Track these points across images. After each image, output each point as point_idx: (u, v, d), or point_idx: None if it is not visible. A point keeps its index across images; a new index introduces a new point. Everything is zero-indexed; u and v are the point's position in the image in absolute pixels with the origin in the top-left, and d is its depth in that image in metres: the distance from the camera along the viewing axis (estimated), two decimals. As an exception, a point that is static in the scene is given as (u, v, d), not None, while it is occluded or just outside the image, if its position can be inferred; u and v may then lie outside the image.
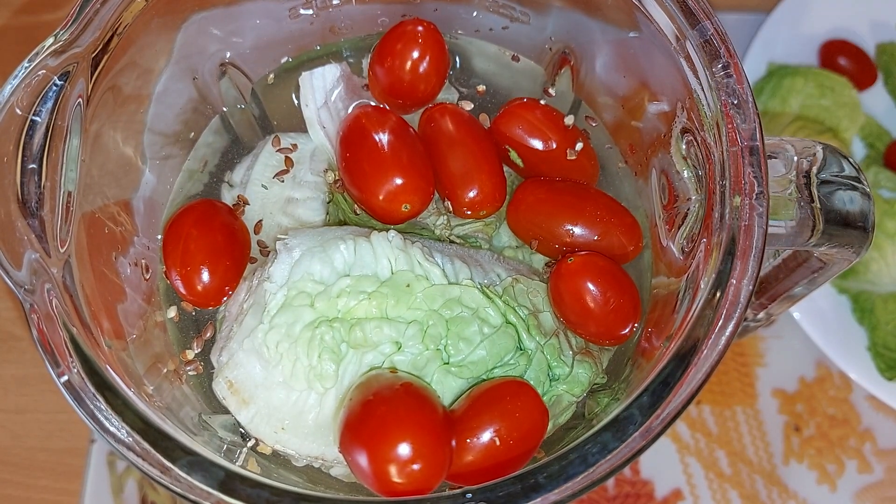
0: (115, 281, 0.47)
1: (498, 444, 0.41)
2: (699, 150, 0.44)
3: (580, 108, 0.59)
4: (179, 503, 0.61)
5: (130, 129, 0.51)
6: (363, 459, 0.39)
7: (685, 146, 0.46)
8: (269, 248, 0.52)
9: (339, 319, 0.45)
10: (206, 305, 0.50)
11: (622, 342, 0.50)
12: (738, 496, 0.71)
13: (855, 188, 0.44)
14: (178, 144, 0.56)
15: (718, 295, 0.39)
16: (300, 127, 0.56)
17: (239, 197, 0.54)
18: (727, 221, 0.40)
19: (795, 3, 0.84)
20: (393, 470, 0.38)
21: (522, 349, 0.47)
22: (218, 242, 0.49)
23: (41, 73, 0.42)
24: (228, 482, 0.36)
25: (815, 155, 0.44)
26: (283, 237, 0.47)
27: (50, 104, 0.42)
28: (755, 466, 0.72)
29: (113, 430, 0.38)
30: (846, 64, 0.84)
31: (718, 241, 0.40)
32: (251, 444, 0.47)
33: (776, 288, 0.54)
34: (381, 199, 0.49)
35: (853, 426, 0.73)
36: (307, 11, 0.58)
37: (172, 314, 0.51)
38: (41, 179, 0.41)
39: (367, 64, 0.56)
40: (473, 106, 0.56)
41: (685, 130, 0.46)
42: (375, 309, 0.45)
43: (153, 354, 0.48)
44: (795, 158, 0.44)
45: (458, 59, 0.61)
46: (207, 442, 0.44)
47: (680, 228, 0.46)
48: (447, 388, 0.45)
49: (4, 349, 0.75)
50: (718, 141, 0.42)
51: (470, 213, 0.51)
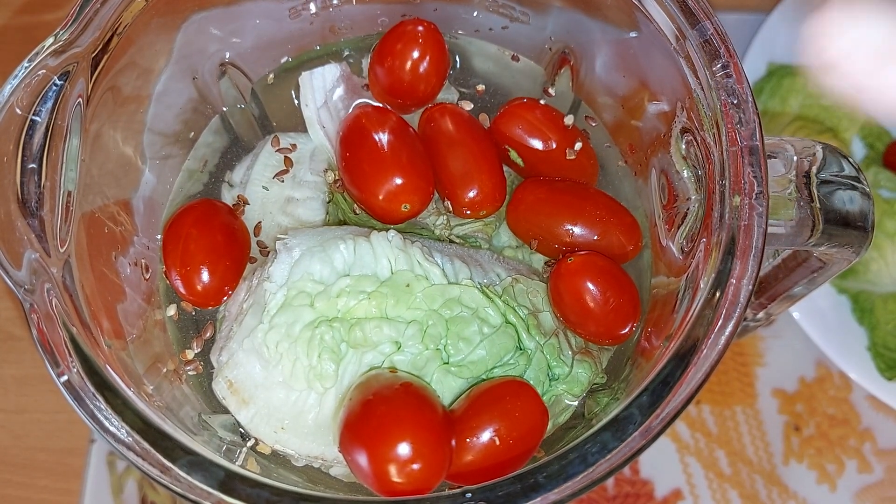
0: (114, 281, 0.47)
1: (498, 443, 0.41)
2: (699, 149, 0.44)
3: (580, 107, 0.59)
4: (179, 503, 0.61)
5: (130, 128, 0.51)
6: (363, 459, 0.39)
7: (685, 146, 0.46)
8: (268, 247, 0.52)
9: (338, 319, 0.45)
10: (205, 305, 0.50)
11: (622, 342, 0.50)
12: (737, 496, 0.71)
13: (855, 188, 0.44)
14: (177, 144, 0.56)
15: (718, 295, 0.39)
16: (300, 127, 0.56)
17: (239, 197, 0.54)
18: (727, 221, 0.40)
19: (795, 3, 0.84)
20: (393, 470, 0.38)
21: (522, 349, 0.47)
22: (218, 242, 0.49)
23: (41, 72, 0.42)
24: (228, 482, 0.36)
25: (814, 155, 0.44)
26: (282, 237, 0.47)
27: (50, 104, 0.42)
28: (755, 466, 0.72)
29: (113, 429, 0.38)
30: (846, 64, 0.84)
31: (718, 240, 0.40)
32: (251, 443, 0.47)
33: (776, 288, 0.54)
34: (380, 198, 0.49)
35: (853, 426, 0.73)
36: (307, 11, 0.58)
37: (172, 312, 0.51)
38: (41, 179, 0.41)
39: (367, 64, 0.56)
40: (473, 106, 0.56)
41: (685, 130, 0.46)
42: (375, 309, 0.45)
43: (153, 354, 0.48)
44: (795, 158, 0.44)
45: (458, 59, 0.61)
46: (207, 442, 0.44)
47: (679, 228, 0.46)
48: (447, 387, 0.45)
49: (4, 349, 0.75)
50: (718, 141, 0.42)
51: (470, 213, 0.51)
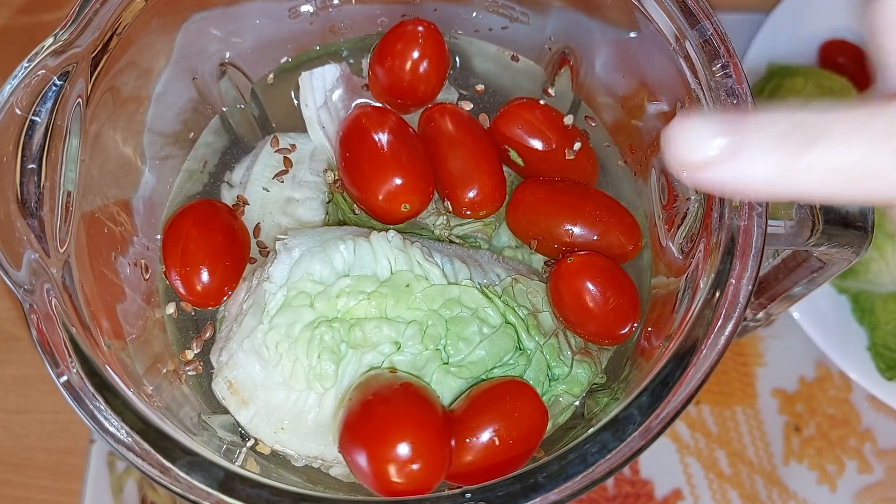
0: (114, 281, 0.47)
1: (497, 443, 0.41)
2: (699, 150, 0.44)
3: (580, 108, 0.59)
4: (179, 503, 0.61)
5: (130, 129, 0.51)
6: (362, 459, 0.39)
7: (685, 146, 0.46)
8: (268, 248, 0.52)
9: (338, 319, 0.45)
10: (205, 305, 0.50)
11: (621, 342, 0.50)
12: (738, 496, 0.71)
13: (854, 188, 0.44)
14: (177, 144, 0.56)
15: (718, 295, 0.39)
16: (300, 127, 0.56)
17: (238, 197, 0.54)
18: (726, 221, 0.40)
19: (795, 3, 0.84)
20: (392, 470, 0.38)
21: (522, 349, 0.47)
22: (218, 242, 0.49)
23: (41, 73, 0.42)
24: (228, 482, 0.36)
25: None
26: (282, 237, 0.47)
27: (49, 104, 0.42)
28: (755, 466, 0.72)
29: (113, 430, 0.38)
30: (846, 64, 0.84)
31: (718, 240, 0.40)
32: (250, 444, 0.47)
33: (775, 288, 0.54)
34: (380, 199, 0.49)
35: (853, 426, 0.73)
36: (307, 11, 0.58)
37: (171, 310, 0.51)
38: (41, 179, 0.41)
39: (367, 64, 0.56)
40: (473, 106, 0.56)
41: (685, 130, 0.46)
42: (375, 309, 0.45)
43: (153, 354, 0.48)
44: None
45: (457, 59, 0.61)
46: (207, 442, 0.44)
47: (679, 228, 0.46)
48: (447, 388, 0.45)
49: (4, 349, 0.75)
50: (718, 141, 0.42)
51: (470, 213, 0.51)
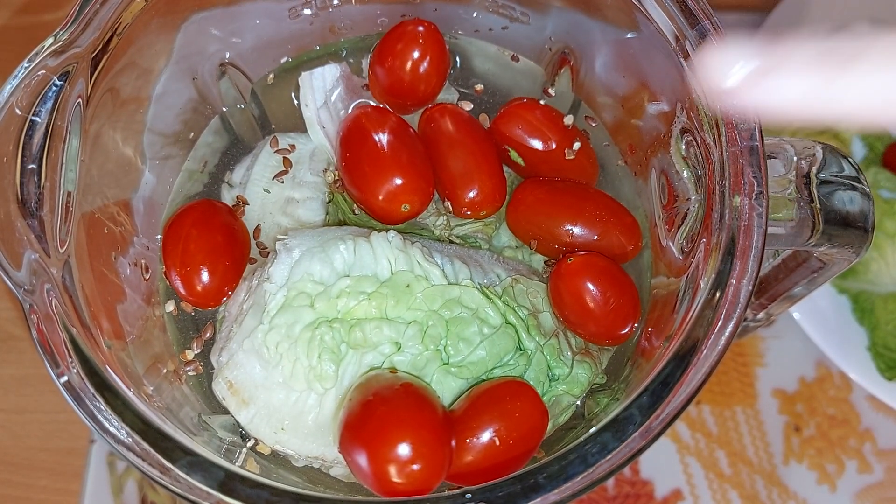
0: (114, 281, 0.47)
1: (498, 444, 0.41)
2: (699, 150, 0.44)
3: (580, 108, 0.59)
4: (179, 503, 0.61)
5: (130, 129, 0.51)
6: (363, 459, 0.39)
7: (685, 146, 0.46)
8: (268, 248, 0.52)
9: (338, 320, 0.45)
10: (205, 306, 0.50)
11: (622, 342, 0.50)
12: (738, 496, 0.71)
13: (855, 188, 0.44)
14: (177, 144, 0.56)
15: (718, 295, 0.39)
16: (300, 127, 0.56)
17: (238, 197, 0.53)
18: (727, 221, 0.40)
19: (795, 3, 0.84)
20: (393, 470, 0.38)
21: (522, 349, 0.47)
22: (218, 243, 0.49)
23: (41, 73, 0.42)
24: (228, 482, 0.36)
25: (814, 155, 0.44)
26: (282, 237, 0.47)
27: (49, 104, 0.42)
28: (755, 466, 0.72)
29: (113, 430, 0.38)
30: (846, 64, 0.84)
31: (718, 241, 0.40)
32: (251, 444, 0.47)
33: (776, 288, 0.54)
34: (380, 199, 0.49)
35: (853, 426, 0.73)
36: (307, 11, 0.58)
37: (171, 308, 0.51)
38: (41, 179, 0.41)
39: (367, 64, 0.56)
40: (473, 106, 0.56)
41: (685, 130, 0.46)
42: (375, 309, 0.45)
43: (153, 355, 0.48)
44: (795, 158, 0.44)
45: (458, 59, 0.61)
46: (207, 442, 0.44)
47: (680, 228, 0.46)
48: (447, 388, 0.45)
49: (4, 349, 0.75)
50: (718, 141, 0.42)
51: (470, 213, 0.51)
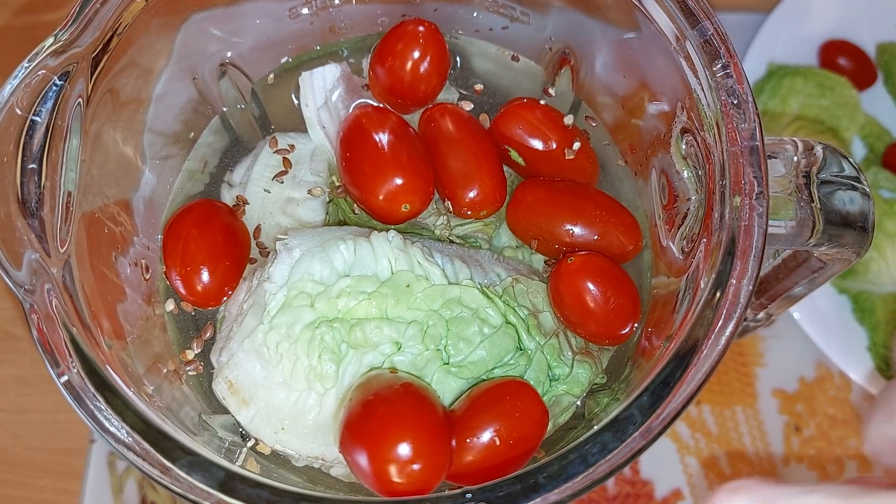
0: (115, 281, 0.47)
1: (498, 444, 0.41)
2: (699, 150, 0.44)
3: (580, 108, 0.59)
4: (179, 503, 0.61)
5: (130, 129, 0.51)
6: (363, 459, 0.39)
7: (685, 146, 0.46)
8: (268, 248, 0.52)
9: (339, 320, 0.45)
10: (205, 306, 0.50)
11: (622, 342, 0.50)
12: (738, 496, 0.71)
13: (855, 188, 0.44)
14: (178, 144, 0.56)
15: (718, 295, 0.39)
16: (300, 127, 0.56)
17: (238, 197, 0.53)
18: (727, 221, 0.40)
19: (795, 3, 0.84)
20: (393, 470, 0.38)
21: (522, 349, 0.47)
22: (218, 242, 0.49)
23: (41, 73, 0.42)
24: (228, 482, 0.36)
25: (815, 155, 0.44)
26: (282, 237, 0.47)
27: (50, 104, 0.42)
28: (755, 466, 0.72)
29: (113, 430, 0.38)
30: (846, 64, 0.84)
31: (718, 241, 0.40)
32: (251, 444, 0.47)
33: (776, 288, 0.54)
34: (381, 199, 0.49)
35: (853, 426, 0.73)
36: (307, 11, 0.58)
37: (171, 307, 0.51)
38: (41, 179, 0.41)
39: (367, 64, 0.56)
40: (473, 106, 0.56)
41: (685, 130, 0.46)
42: (375, 309, 0.45)
43: (153, 354, 0.48)
44: (795, 158, 0.44)
45: (458, 59, 0.61)
46: (207, 442, 0.44)
47: (680, 228, 0.46)
48: (447, 388, 0.45)
49: (4, 349, 0.75)
50: (718, 141, 0.42)
51: (470, 213, 0.51)
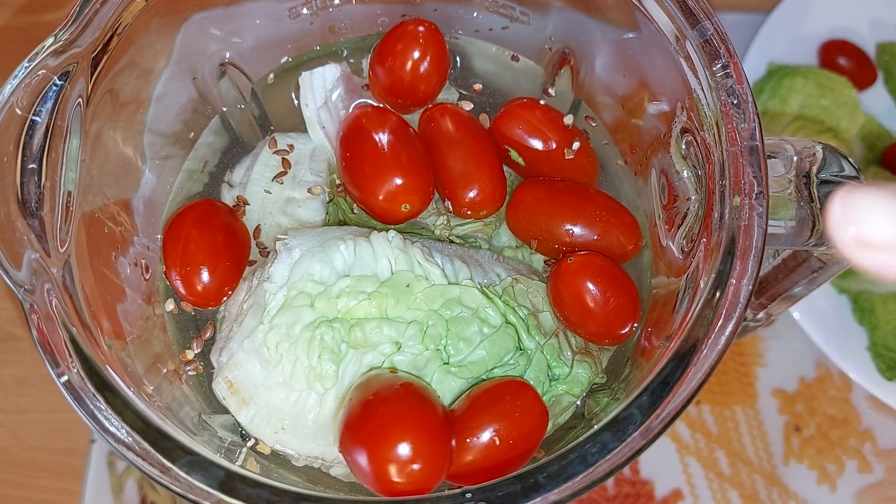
0: (115, 281, 0.47)
1: (498, 443, 0.41)
2: (699, 149, 0.44)
3: (580, 107, 0.59)
4: (179, 503, 0.61)
5: (130, 129, 0.51)
6: (363, 459, 0.39)
7: (685, 146, 0.46)
8: (268, 248, 0.52)
9: (339, 320, 0.45)
10: (205, 306, 0.50)
11: (622, 342, 0.50)
12: (738, 496, 0.71)
13: (855, 188, 0.44)
14: (177, 144, 0.56)
15: (718, 295, 0.39)
16: (300, 127, 0.56)
17: (238, 197, 0.53)
18: (727, 221, 0.40)
19: (795, 3, 0.84)
20: (393, 470, 0.38)
21: (522, 349, 0.47)
22: (218, 242, 0.49)
23: (41, 73, 0.42)
24: (228, 482, 0.36)
25: (814, 155, 0.44)
26: (282, 237, 0.47)
27: (50, 104, 0.42)
28: (755, 466, 0.72)
29: (113, 430, 0.38)
30: (846, 64, 0.84)
31: (718, 240, 0.40)
32: (251, 443, 0.47)
33: (776, 288, 0.54)
34: (380, 199, 0.49)
35: (853, 426, 0.73)
36: (307, 11, 0.58)
37: (171, 307, 0.51)
38: (41, 179, 0.41)
39: (367, 64, 0.56)
40: (473, 106, 0.56)
41: (685, 130, 0.46)
42: (375, 309, 0.45)
43: (153, 354, 0.48)
44: (795, 158, 0.44)
45: (458, 59, 0.61)
46: (207, 442, 0.44)
47: (679, 228, 0.46)
48: (447, 388, 0.45)
49: (4, 349, 0.75)
50: (718, 141, 0.42)
51: (470, 213, 0.51)
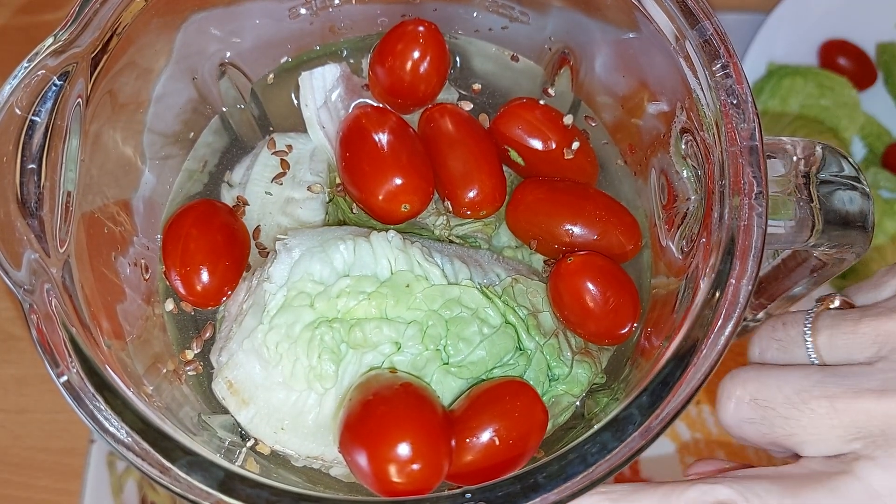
0: (114, 281, 0.47)
1: (497, 443, 0.41)
2: (698, 149, 0.44)
3: (580, 107, 0.59)
4: (179, 503, 0.61)
5: (130, 129, 0.51)
6: (363, 459, 0.39)
7: (685, 146, 0.46)
8: (268, 249, 0.52)
9: (338, 320, 0.45)
10: (205, 306, 0.50)
11: (621, 342, 0.50)
12: (737, 496, 0.71)
13: (855, 188, 0.44)
14: (177, 144, 0.56)
15: (718, 295, 0.39)
16: (300, 127, 0.56)
17: (238, 197, 0.53)
18: (726, 221, 0.40)
19: (795, 3, 0.84)
20: (393, 470, 0.38)
21: (522, 349, 0.47)
22: (218, 242, 0.49)
23: (41, 73, 0.42)
24: (228, 482, 0.36)
25: (814, 155, 0.44)
26: (282, 237, 0.47)
27: (49, 104, 0.42)
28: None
29: (112, 430, 0.38)
30: (846, 64, 0.84)
31: (718, 240, 0.40)
32: (250, 444, 0.47)
33: (775, 288, 0.54)
34: (380, 199, 0.49)
35: (853, 426, 0.73)
36: (307, 11, 0.58)
37: (171, 307, 0.51)
38: (41, 179, 0.41)
39: (367, 64, 0.56)
40: (473, 106, 0.56)
41: (684, 130, 0.46)
42: (375, 309, 0.45)
43: (152, 354, 0.48)
44: (795, 158, 0.44)
45: (458, 59, 0.61)
46: (207, 442, 0.44)
47: (679, 228, 0.46)
48: (447, 388, 0.45)
49: (4, 349, 0.75)
50: (718, 141, 0.42)
51: (470, 213, 0.51)
